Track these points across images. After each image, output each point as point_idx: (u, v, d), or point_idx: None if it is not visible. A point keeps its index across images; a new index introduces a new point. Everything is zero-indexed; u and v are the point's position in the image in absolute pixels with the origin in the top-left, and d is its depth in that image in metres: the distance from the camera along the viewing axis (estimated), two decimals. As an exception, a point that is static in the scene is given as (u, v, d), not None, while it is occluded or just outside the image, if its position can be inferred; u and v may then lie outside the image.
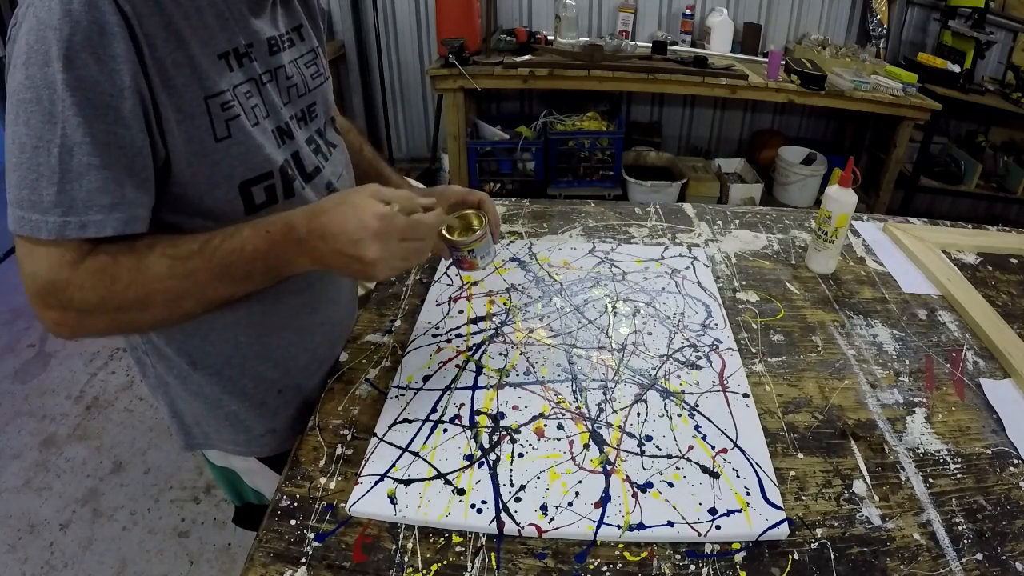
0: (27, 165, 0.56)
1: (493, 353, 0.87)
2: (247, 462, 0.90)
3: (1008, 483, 0.72)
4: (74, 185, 0.56)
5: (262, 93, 0.71)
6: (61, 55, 0.53)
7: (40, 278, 0.59)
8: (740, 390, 0.81)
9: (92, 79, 0.55)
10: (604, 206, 1.31)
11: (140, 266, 0.60)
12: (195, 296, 0.63)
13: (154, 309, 0.62)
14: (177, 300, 0.62)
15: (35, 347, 2.36)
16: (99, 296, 0.59)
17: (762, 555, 0.63)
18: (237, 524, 1.04)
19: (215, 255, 0.61)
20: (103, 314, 0.61)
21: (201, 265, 0.61)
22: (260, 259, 0.63)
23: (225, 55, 0.66)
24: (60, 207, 0.56)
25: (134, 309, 0.61)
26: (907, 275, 1.11)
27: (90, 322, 0.61)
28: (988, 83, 2.98)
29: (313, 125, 0.82)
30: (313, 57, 0.83)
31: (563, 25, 2.94)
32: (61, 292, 0.59)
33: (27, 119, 0.55)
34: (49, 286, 0.59)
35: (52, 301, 0.59)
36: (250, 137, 0.67)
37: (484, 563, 0.61)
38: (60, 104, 0.54)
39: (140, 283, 0.60)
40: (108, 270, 0.59)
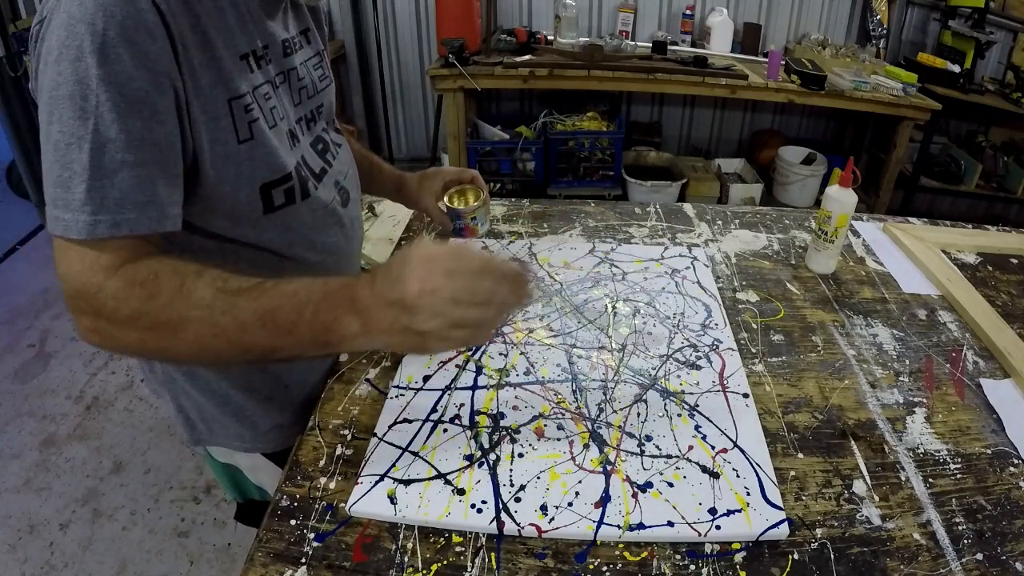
0: (60, 163, 0.54)
1: (493, 353, 0.87)
2: (252, 458, 0.90)
3: (1008, 483, 0.72)
4: (105, 182, 0.54)
5: (277, 94, 0.71)
6: (95, 49, 0.52)
7: (73, 281, 0.56)
8: (740, 390, 0.81)
9: (127, 74, 0.54)
10: (604, 206, 1.31)
11: (183, 289, 0.56)
12: (231, 336, 0.56)
13: (187, 338, 0.56)
14: (212, 335, 0.56)
15: (35, 347, 2.36)
16: (132, 309, 0.56)
17: (762, 555, 0.63)
18: (239, 520, 1.04)
19: (264, 295, 0.56)
20: (133, 330, 0.57)
21: (247, 303, 0.56)
22: (310, 308, 0.56)
23: (246, 56, 0.66)
24: (91, 204, 0.54)
25: (166, 333, 0.56)
26: (907, 275, 1.11)
27: (121, 336, 0.58)
28: (988, 83, 2.98)
29: (319, 126, 0.83)
30: (319, 60, 0.84)
31: (563, 25, 2.94)
32: (93, 297, 0.56)
33: (60, 116, 0.54)
34: (81, 289, 0.56)
35: (84, 306, 0.56)
36: (269, 139, 0.68)
37: (484, 563, 0.61)
38: (93, 99, 0.53)
39: (179, 306, 0.56)
40: (148, 284, 0.56)
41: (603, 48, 2.73)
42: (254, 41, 0.67)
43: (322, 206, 0.79)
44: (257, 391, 0.83)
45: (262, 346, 0.57)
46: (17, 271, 2.83)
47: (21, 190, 3.21)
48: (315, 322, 0.56)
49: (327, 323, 0.56)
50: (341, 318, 0.56)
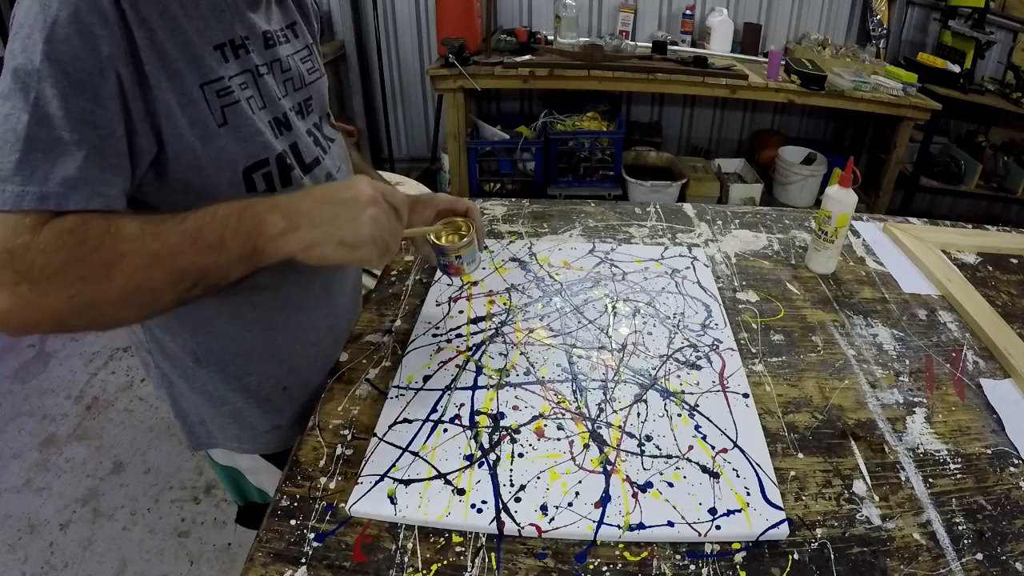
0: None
1: (493, 353, 0.87)
2: (252, 460, 0.90)
3: (1008, 483, 0.72)
4: (38, 156, 0.53)
5: (259, 84, 0.71)
6: (44, 27, 0.53)
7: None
8: (740, 390, 0.81)
9: (73, 54, 0.54)
10: (604, 206, 1.31)
11: (110, 228, 0.55)
12: (165, 264, 0.56)
13: (120, 278, 0.55)
14: (145, 268, 0.56)
15: (35, 347, 2.36)
16: (63, 260, 0.53)
17: (762, 555, 0.63)
18: (241, 524, 1.04)
19: (188, 218, 0.58)
20: (63, 285, 0.54)
21: (172, 228, 0.57)
22: (233, 218, 0.58)
23: (221, 46, 0.66)
24: (20, 175, 0.53)
25: (98, 277, 0.55)
26: (907, 275, 1.11)
27: (46, 300, 0.54)
28: (988, 83, 2.98)
29: (311, 118, 0.83)
30: (308, 53, 0.85)
31: (563, 25, 2.94)
32: (18, 260, 0.53)
33: (5, 91, 0.54)
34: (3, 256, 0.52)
35: (5, 275, 0.53)
36: (248, 123, 0.68)
37: (484, 563, 0.61)
38: (36, 76, 0.53)
39: (109, 244, 0.55)
40: (76, 231, 0.54)
41: (603, 48, 2.73)
42: (232, 31, 0.68)
43: None
44: (254, 393, 0.82)
45: (195, 267, 0.58)
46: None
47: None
48: (240, 229, 0.58)
49: (252, 228, 0.58)
50: (264, 218, 0.59)
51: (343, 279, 0.92)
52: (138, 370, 2.25)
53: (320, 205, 0.60)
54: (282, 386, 0.84)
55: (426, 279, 1.05)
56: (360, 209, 0.61)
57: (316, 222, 0.59)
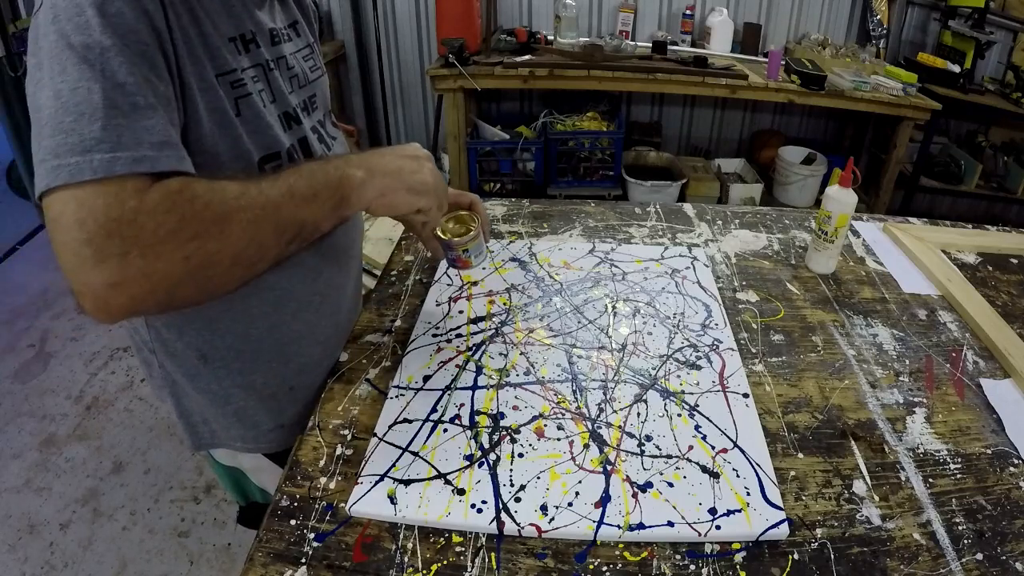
0: (64, 110, 0.51)
1: (493, 353, 0.87)
2: (255, 460, 0.90)
3: (1008, 483, 0.72)
4: (120, 121, 0.52)
5: (268, 79, 0.73)
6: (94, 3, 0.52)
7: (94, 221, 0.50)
8: (740, 390, 0.81)
9: (129, 26, 0.54)
10: (604, 206, 1.31)
11: (214, 186, 0.56)
12: (270, 216, 0.58)
13: (234, 233, 0.56)
14: (253, 221, 0.57)
15: (35, 347, 2.36)
16: (177, 217, 0.52)
17: (762, 555, 0.63)
18: (243, 524, 1.04)
19: (280, 176, 0.62)
20: (178, 246, 0.52)
21: (268, 185, 0.60)
22: (320, 173, 0.64)
23: (234, 39, 0.68)
24: (107, 142, 0.51)
25: (213, 233, 0.54)
26: (907, 275, 1.11)
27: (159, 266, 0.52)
28: (988, 83, 2.97)
29: (315, 116, 0.85)
30: (310, 52, 0.86)
31: (563, 25, 2.94)
32: (128, 226, 0.51)
33: (62, 68, 0.52)
34: (109, 225, 0.50)
35: (112, 246, 0.50)
36: (260, 117, 0.70)
37: (484, 563, 0.61)
38: (97, 47, 0.52)
39: (218, 201, 0.55)
40: (184, 191, 0.54)
41: (603, 48, 2.73)
42: (243, 25, 0.70)
43: None
44: (259, 391, 0.83)
45: (296, 219, 0.62)
46: (17, 271, 2.83)
47: (21, 190, 3.21)
48: (328, 182, 0.64)
49: (338, 179, 0.65)
50: (346, 171, 0.65)
51: (346, 277, 0.92)
52: (138, 370, 2.25)
53: (389, 158, 0.69)
54: (288, 385, 0.84)
55: (426, 279, 1.05)
56: (422, 163, 0.71)
57: (388, 172, 0.68)
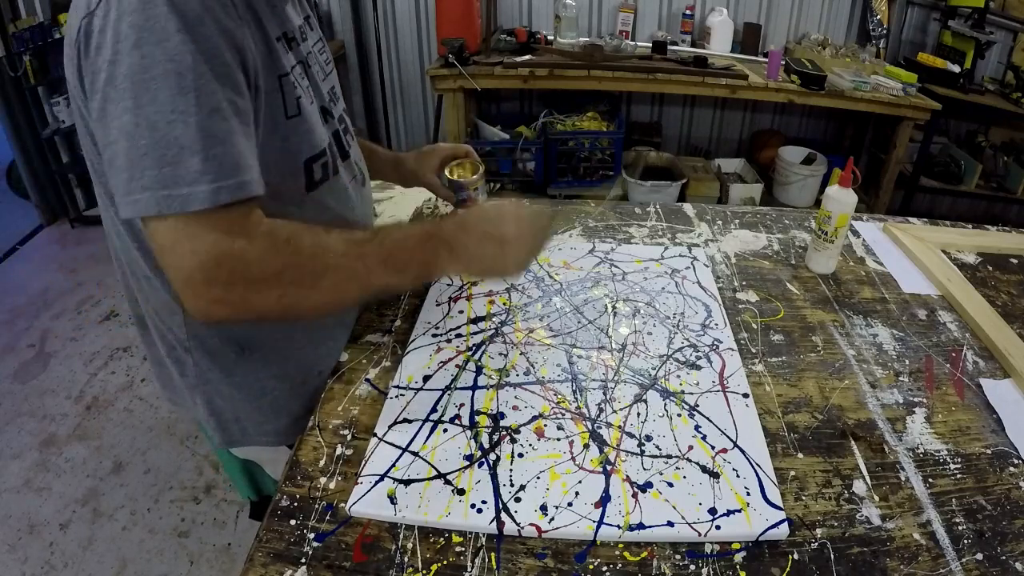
0: (162, 143, 0.53)
1: (493, 353, 0.87)
2: (276, 451, 0.90)
3: (1008, 483, 0.72)
4: (219, 150, 0.55)
5: (308, 75, 0.75)
6: (182, 27, 0.53)
7: (206, 253, 0.55)
8: (740, 390, 0.81)
9: (216, 48, 0.55)
10: (604, 206, 1.31)
11: (320, 241, 0.61)
12: (361, 280, 0.64)
13: (326, 287, 0.62)
14: (346, 280, 0.63)
15: (35, 347, 2.36)
16: (281, 263, 0.59)
17: (762, 555, 0.63)
18: (254, 518, 1.04)
19: (385, 241, 0.66)
20: (275, 288, 0.59)
21: (372, 249, 0.64)
22: (418, 250, 0.68)
23: (280, 39, 0.69)
24: (208, 174, 0.54)
25: (307, 283, 0.61)
26: (907, 275, 1.11)
27: (257, 298, 0.59)
28: (988, 83, 2.97)
29: (338, 108, 0.87)
30: (323, 46, 0.88)
31: (563, 25, 2.94)
32: (236, 261, 0.56)
33: (154, 96, 0.53)
34: (220, 258, 0.56)
35: (221, 275, 0.56)
36: (308, 115, 0.71)
37: (484, 563, 0.61)
38: (191, 74, 0.54)
39: (321, 256, 0.61)
40: (292, 240, 0.60)
41: (603, 48, 2.73)
42: (284, 24, 0.72)
43: (346, 186, 0.82)
44: (292, 378, 0.84)
45: (382, 284, 0.66)
46: (17, 271, 2.83)
47: (21, 190, 3.21)
48: (421, 261, 0.69)
49: (429, 258, 0.69)
50: (439, 253, 0.69)
51: None
52: (138, 370, 2.25)
53: (477, 241, 0.71)
54: (317, 370, 0.86)
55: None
56: (506, 250, 0.71)
57: (472, 257, 0.71)
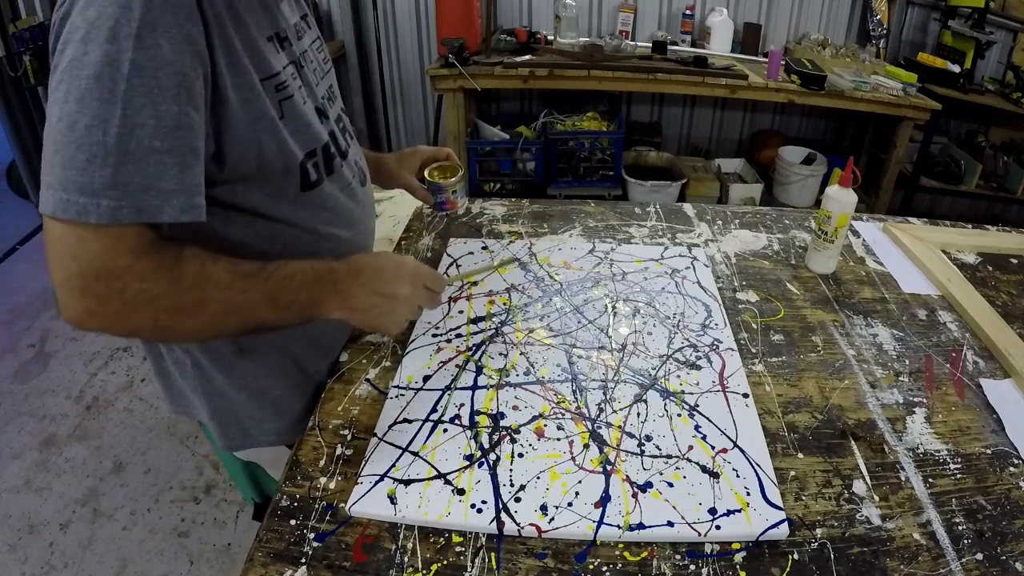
0: (77, 144, 0.53)
1: (493, 353, 0.87)
2: (278, 452, 0.90)
3: (1008, 483, 0.72)
4: (131, 168, 0.54)
5: (302, 75, 0.74)
6: (131, 33, 0.52)
7: (87, 262, 0.54)
8: (740, 390, 0.81)
9: (163, 58, 0.54)
10: (604, 206, 1.31)
11: (205, 272, 0.60)
12: (242, 314, 0.63)
13: (204, 317, 0.61)
14: (225, 314, 0.62)
15: (35, 347, 2.36)
16: (160, 291, 0.57)
17: (762, 555, 0.63)
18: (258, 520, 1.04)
19: (271, 279, 0.64)
20: (150, 311, 0.58)
21: (257, 285, 0.63)
22: (304, 291, 0.66)
23: (271, 38, 0.69)
24: (114, 189, 0.53)
25: (186, 312, 0.60)
26: (907, 275, 1.11)
27: (132, 318, 0.58)
28: (988, 83, 2.97)
29: (336, 106, 0.86)
30: (320, 44, 0.87)
31: (563, 25, 2.94)
32: (115, 280, 0.55)
33: (81, 96, 0.52)
34: (100, 271, 0.54)
35: (99, 288, 0.55)
36: (300, 116, 0.70)
37: (484, 563, 0.61)
38: (123, 84, 0.52)
39: (201, 288, 0.59)
40: (175, 267, 0.58)
41: (603, 48, 2.73)
42: (277, 23, 0.71)
43: (347, 184, 0.82)
44: (292, 376, 0.84)
45: (261, 320, 0.65)
46: (17, 271, 2.83)
47: (21, 190, 3.21)
48: (307, 302, 0.67)
49: (315, 302, 0.68)
50: (327, 299, 0.68)
51: None
52: (138, 370, 2.25)
53: (365, 294, 0.70)
54: (315, 370, 0.86)
55: (426, 279, 1.05)
56: (396, 307, 0.71)
57: (358, 308, 0.70)
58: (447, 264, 1.07)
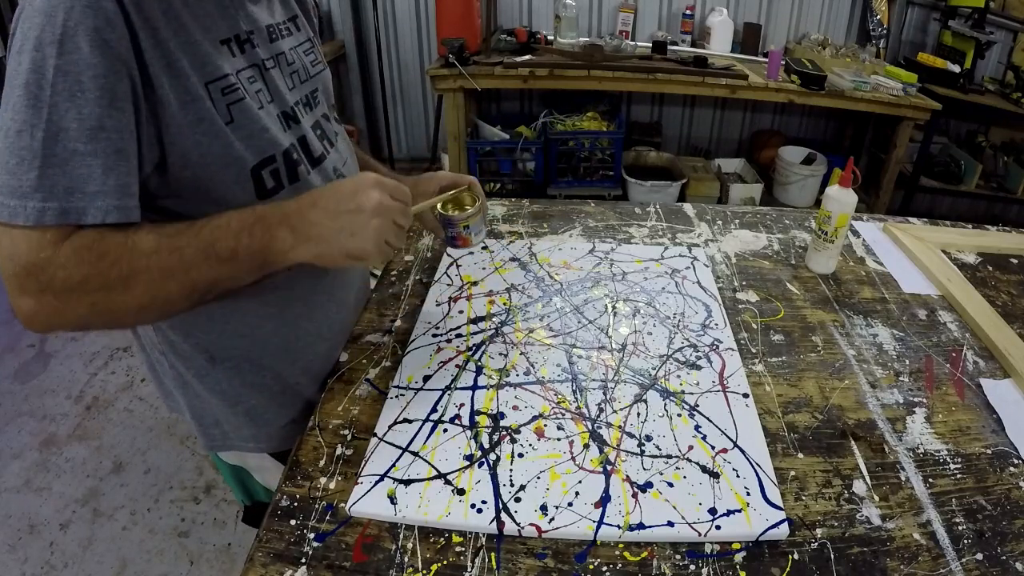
0: (9, 150, 0.54)
1: (493, 353, 0.87)
2: (259, 459, 0.90)
3: (1008, 483, 0.72)
4: (56, 171, 0.55)
5: (265, 78, 0.72)
6: (55, 39, 0.53)
7: (18, 261, 0.56)
8: (740, 390, 0.81)
9: (85, 62, 0.54)
10: (604, 206, 1.31)
11: (127, 243, 0.58)
12: (179, 277, 0.60)
13: (138, 289, 0.59)
14: (161, 280, 0.59)
15: (35, 347, 2.36)
16: (83, 274, 0.57)
17: (762, 555, 0.63)
18: (247, 523, 1.04)
19: (202, 231, 0.60)
20: (85, 295, 0.58)
21: (187, 241, 0.60)
22: (245, 233, 0.61)
23: (227, 41, 0.67)
24: (40, 192, 0.55)
25: (117, 289, 0.58)
26: (907, 275, 1.11)
27: (69, 308, 0.58)
28: (988, 83, 2.98)
29: (317, 111, 0.84)
30: (311, 46, 0.86)
31: (563, 25, 2.94)
32: (41, 272, 0.56)
33: (14, 104, 0.54)
34: (29, 267, 0.56)
35: (31, 285, 0.56)
36: (254, 120, 0.68)
37: (484, 563, 0.61)
38: (48, 89, 0.54)
39: (127, 260, 0.58)
40: (95, 247, 0.57)
41: (603, 48, 2.73)
42: (237, 26, 0.69)
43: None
44: (269, 388, 0.83)
45: (207, 279, 0.61)
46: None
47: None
48: (252, 244, 0.61)
49: (263, 243, 0.61)
50: (276, 234, 0.61)
51: (353, 274, 0.93)
52: (138, 370, 2.25)
53: (326, 216, 0.62)
54: (295, 381, 0.85)
55: (426, 279, 1.05)
56: (365, 221, 0.62)
57: (322, 235, 0.62)
58: (447, 264, 1.07)
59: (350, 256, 0.63)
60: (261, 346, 0.80)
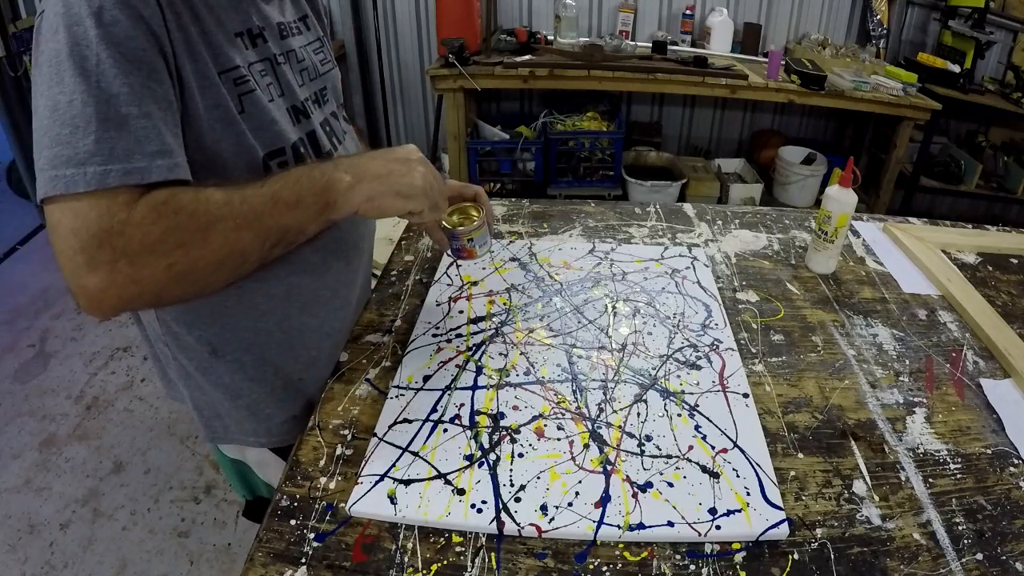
0: (60, 121, 0.54)
1: (493, 353, 0.87)
2: (260, 454, 0.90)
3: (1008, 483, 0.72)
4: (113, 134, 0.55)
5: (276, 73, 0.74)
6: (92, 13, 0.54)
7: (87, 232, 0.54)
8: (740, 390, 0.81)
9: (124, 34, 0.55)
10: (604, 206, 1.31)
11: (199, 196, 0.58)
12: (253, 225, 0.61)
13: (215, 242, 0.58)
14: (236, 230, 0.60)
15: (35, 347, 2.36)
16: (163, 229, 0.56)
17: (762, 555, 0.63)
18: (248, 517, 1.04)
19: (265, 182, 0.63)
20: (163, 255, 0.56)
21: (253, 192, 0.61)
22: (306, 178, 0.64)
23: (240, 34, 0.69)
24: (99, 155, 0.54)
25: (196, 242, 0.57)
26: (907, 275, 1.11)
27: (145, 273, 0.56)
28: (988, 83, 2.97)
29: (327, 108, 0.85)
30: (320, 45, 0.87)
31: (563, 25, 2.94)
32: (117, 238, 0.54)
33: (60, 79, 0.54)
34: (101, 236, 0.54)
35: (103, 255, 0.54)
36: (264, 112, 0.70)
37: (484, 563, 0.61)
38: (94, 58, 0.54)
39: (203, 211, 0.58)
40: (170, 201, 0.57)
41: (603, 48, 2.73)
42: (249, 21, 0.71)
43: None
44: (270, 383, 0.83)
45: (279, 226, 0.63)
46: (17, 271, 2.83)
47: (21, 190, 3.21)
48: (313, 187, 0.64)
49: (324, 184, 0.65)
50: (333, 175, 0.65)
51: (355, 272, 0.93)
52: (138, 370, 2.25)
53: (378, 162, 0.68)
54: (298, 377, 0.85)
55: (426, 279, 1.05)
56: (412, 166, 0.69)
57: (376, 176, 0.67)
58: (447, 264, 1.07)
59: (400, 195, 0.68)
60: (263, 341, 0.80)
